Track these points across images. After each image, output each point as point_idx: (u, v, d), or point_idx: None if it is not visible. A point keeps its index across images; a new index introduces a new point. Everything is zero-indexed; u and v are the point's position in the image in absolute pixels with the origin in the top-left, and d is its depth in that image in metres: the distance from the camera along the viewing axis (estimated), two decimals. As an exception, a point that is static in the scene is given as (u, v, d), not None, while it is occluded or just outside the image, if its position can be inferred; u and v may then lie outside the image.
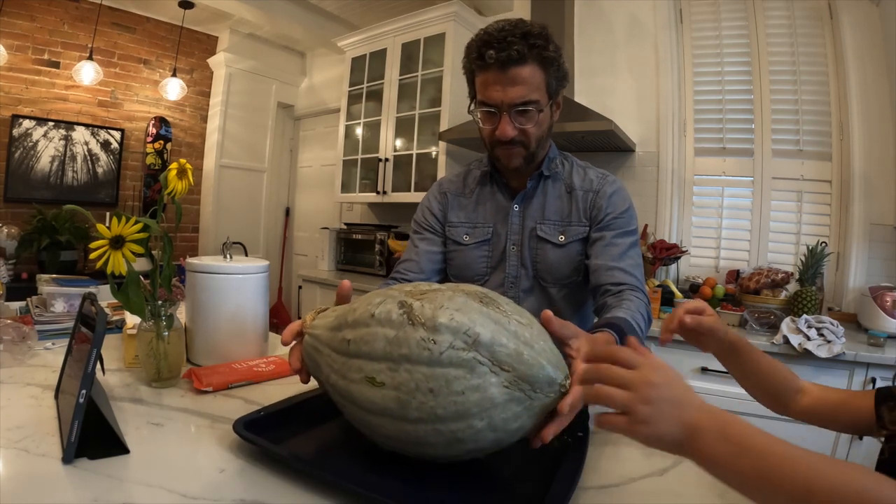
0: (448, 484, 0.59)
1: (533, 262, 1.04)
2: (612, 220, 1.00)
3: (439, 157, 2.75)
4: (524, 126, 0.94)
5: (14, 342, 0.96)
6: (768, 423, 1.73)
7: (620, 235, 0.99)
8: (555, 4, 2.36)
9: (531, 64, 0.90)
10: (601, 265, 0.96)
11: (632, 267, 0.96)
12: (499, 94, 0.91)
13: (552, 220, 1.04)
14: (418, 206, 1.18)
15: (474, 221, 1.10)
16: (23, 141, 3.06)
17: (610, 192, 1.02)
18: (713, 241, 2.34)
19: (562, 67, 0.94)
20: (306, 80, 4.27)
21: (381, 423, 0.57)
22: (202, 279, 0.99)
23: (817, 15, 2.14)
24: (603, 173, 1.06)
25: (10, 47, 2.92)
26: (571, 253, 1.02)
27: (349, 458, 0.65)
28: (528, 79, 0.90)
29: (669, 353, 1.80)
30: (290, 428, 0.70)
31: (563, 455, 0.63)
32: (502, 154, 0.98)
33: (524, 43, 0.88)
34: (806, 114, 2.17)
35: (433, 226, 1.14)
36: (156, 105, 3.67)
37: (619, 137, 2.16)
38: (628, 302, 0.88)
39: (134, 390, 0.84)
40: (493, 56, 0.88)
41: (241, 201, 4.05)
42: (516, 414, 0.54)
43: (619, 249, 0.97)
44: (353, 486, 0.54)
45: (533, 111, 0.92)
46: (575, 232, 1.02)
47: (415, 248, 1.13)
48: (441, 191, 1.16)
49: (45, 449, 0.61)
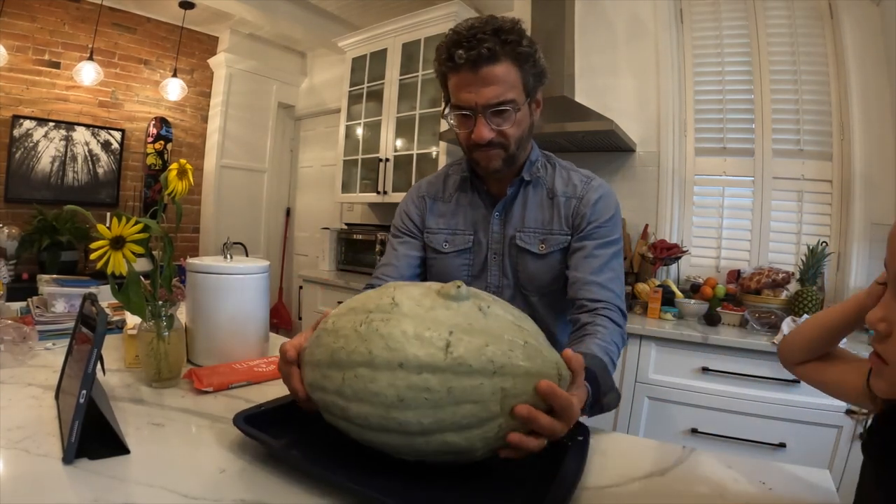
0: (447, 484, 0.59)
1: (514, 271, 1.02)
2: (594, 230, 0.96)
3: (440, 158, 2.75)
4: (501, 127, 0.89)
5: (15, 342, 0.96)
6: (768, 423, 1.72)
7: (602, 246, 0.95)
8: (555, 4, 2.36)
9: (504, 62, 0.85)
10: (579, 278, 0.93)
11: (610, 281, 0.93)
12: (472, 95, 0.86)
13: (532, 229, 1.00)
14: (397, 210, 1.15)
15: (454, 228, 1.06)
16: (23, 141, 3.07)
17: (594, 199, 0.98)
18: (714, 240, 2.34)
19: (538, 63, 0.89)
20: (307, 80, 4.27)
21: (369, 438, 0.57)
22: (203, 279, 0.99)
23: (817, 15, 2.14)
24: (587, 177, 1.02)
25: (10, 48, 2.92)
26: (552, 262, 0.99)
27: (348, 458, 0.64)
28: (501, 77, 0.85)
29: (669, 353, 1.80)
30: (290, 424, 0.70)
31: (564, 456, 0.63)
32: (481, 157, 0.94)
33: (496, 39, 0.83)
34: (806, 113, 2.16)
35: (411, 230, 1.10)
36: (156, 105, 3.67)
37: (619, 137, 2.16)
38: (602, 330, 0.86)
39: (134, 390, 0.84)
40: (463, 56, 0.83)
41: (242, 201, 4.05)
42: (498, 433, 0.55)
43: (599, 262, 0.94)
44: (353, 486, 0.54)
45: (510, 111, 0.88)
46: (556, 241, 0.99)
47: (394, 252, 1.09)
48: (419, 194, 1.12)
49: (46, 449, 0.61)
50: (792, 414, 1.62)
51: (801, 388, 1.62)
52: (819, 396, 1.60)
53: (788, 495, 0.61)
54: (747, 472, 0.66)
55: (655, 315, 2.02)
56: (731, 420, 1.70)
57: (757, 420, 1.66)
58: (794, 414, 1.62)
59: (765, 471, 0.66)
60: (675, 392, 1.79)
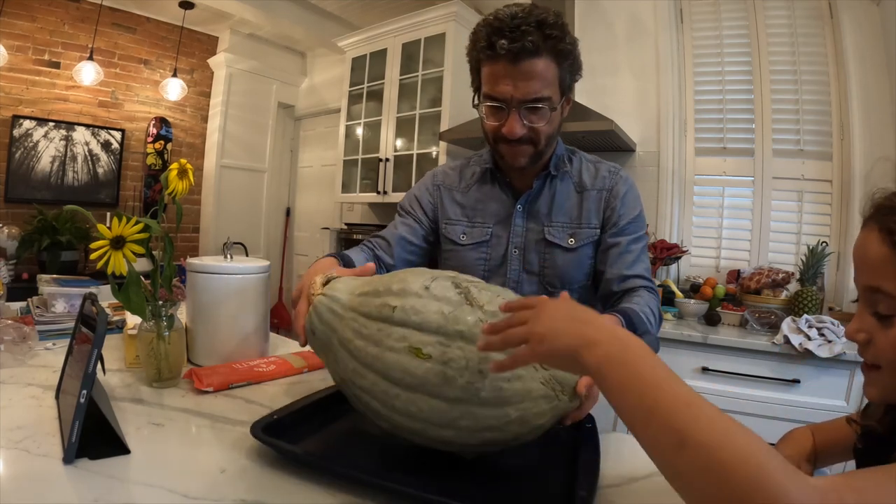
0: (467, 477, 0.59)
1: (541, 267, 0.99)
2: (627, 225, 0.95)
3: (440, 157, 2.75)
4: (534, 124, 0.86)
5: (15, 342, 0.96)
6: (768, 423, 1.72)
7: (634, 241, 0.95)
8: (554, 4, 2.35)
9: (545, 57, 0.82)
10: (616, 274, 0.93)
11: (645, 271, 0.94)
12: (509, 88, 0.83)
13: (561, 223, 0.98)
14: (409, 190, 1.11)
15: (472, 220, 1.04)
16: (23, 141, 3.06)
17: (623, 192, 0.97)
18: (714, 240, 2.34)
19: (577, 61, 0.87)
20: (307, 80, 4.27)
21: (411, 399, 0.56)
22: (203, 279, 0.99)
23: (818, 15, 2.14)
24: (614, 168, 1.01)
25: (10, 48, 2.92)
26: (582, 257, 0.97)
27: (360, 458, 0.65)
28: (541, 73, 0.82)
29: (669, 353, 1.80)
30: (304, 430, 0.69)
31: (577, 450, 0.64)
32: (507, 152, 0.91)
33: (539, 33, 0.80)
34: (806, 113, 2.16)
35: (417, 216, 1.07)
36: (156, 105, 3.67)
37: (619, 137, 2.16)
38: (638, 297, 0.87)
39: (135, 390, 0.84)
40: (506, 46, 0.80)
41: (242, 202, 4.05)
42: (543, 411, 0.56)
43: (633, 256, 0.94)
44: (368, 478, 0.54)
45: (545, 108, 0.85)
46: (586, 235, 0.97)
47: (394, 231, 1.05)
48: (435, 183, 1.09)
49: (46, 449, 0.61)
50: (791, 414, 1.62)
51: (800, 388, 1.62)
52: (819, 396, 1.61)
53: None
54: (747, 471, 0.66)
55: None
56: (731, 420, 1.70)
57: (757, 420, 1.66)
58: (793, 414, 1.62)
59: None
60: (675, 392, 1.78)
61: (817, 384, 1.61)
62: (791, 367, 1.64)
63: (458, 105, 2.62)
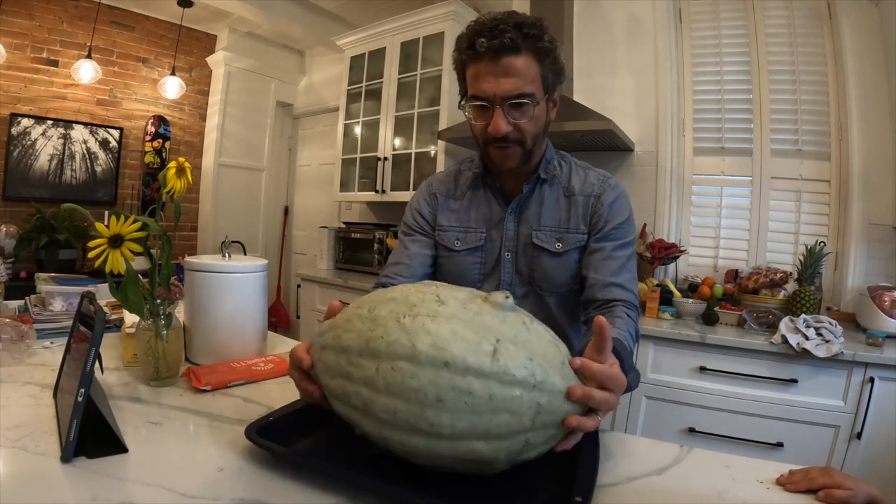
0: (462, 485, 0.59)
1: (529, 269, 1.00)
2: (613, 231, 0.96)
3: (438, 156, 2.75)
4: (518, 121, 0.88)
5: (13, 341, 0.96)
6: (766, 422, 1.73)
7: (620, 247, 0.95)
8: (554, 4, 2.36)
9: (525, 55, 0.84)
10: (598, 280, 0.93)
11: (628, 281, 0.94)
12: (490, 85, 0.85)
13: (549, 227, 0.99)
14: (407, 207, 1.13)
15: (466, 226, 1.05)
16: (21, 140, 3.06)
17: (611, 199, 0.97)
18: (712, 240, 2.34)
19: (558, 61, 0.89)
20: (305, 78, 4.27)
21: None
22: (201, 278, 0.99)
23: (816, 15, 2.14)
24: (604, 175, 1.01)
25: (8, 46, 2.91)
26: (568, 261, 0.98)
27: (358, 457, 0.64)
28: (522, 70, 0.84)
29: (667, 353, 1.80)
30: (301, 430, 0.69)
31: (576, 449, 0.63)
32: (496, 154, 0.93)
33: (518, 32, 0.83)
34: (805, 114, 2.17)
35: (423, 228, 1.08)
36: (154, 104, 3.66)
37: (618, 137, 2.16)
38: (618, 321, 0.86)
39: (132, 389, 0.84)
40: (485, 44, 0.83)
41: (240, 200, 4.04)
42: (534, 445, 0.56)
43: (617, 263, 0.94)
44: (363, 479, 0.54)
45: (528, 105, 0.86)
46: (573, 240, 0.98)
47: (405, 251, 1.07)
48: (430, 192, 1.10)
49: (44, 448, 0.61)
50: (789, 413, 1.62)
51: (798, 388, 1.62)
52: (816, 396, 1.61)
53: (786, 494, 0.61)
54: (744, 471, 0.66)
55: (653, 314, 2.02)
56: (728, 419, 1.70)
57: (754, 419, 1.67)
58: (791, 413, 1.62)
59: (762, 470, 0.66)
60: (673, 391, 1.79)
61: (815, 384, 1.61)
62: (789, 366, 1.64)
63: (456, 104, 2.61)
